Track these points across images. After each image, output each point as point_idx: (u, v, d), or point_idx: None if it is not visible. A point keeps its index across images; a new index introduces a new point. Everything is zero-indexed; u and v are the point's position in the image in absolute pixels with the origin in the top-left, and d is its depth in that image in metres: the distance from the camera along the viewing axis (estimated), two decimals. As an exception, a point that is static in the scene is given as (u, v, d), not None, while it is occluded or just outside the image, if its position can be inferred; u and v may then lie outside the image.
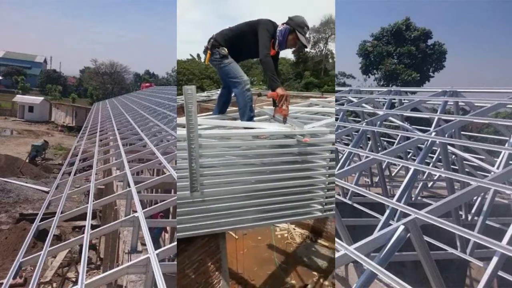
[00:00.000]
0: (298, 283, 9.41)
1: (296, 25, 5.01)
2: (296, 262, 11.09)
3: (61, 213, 6.63)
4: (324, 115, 6.15)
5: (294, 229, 13.25)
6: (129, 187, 6.61)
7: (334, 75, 36.97)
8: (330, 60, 41.24)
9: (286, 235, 12.69)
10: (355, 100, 11.02)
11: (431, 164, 9.19)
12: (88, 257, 9.97)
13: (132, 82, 80.00)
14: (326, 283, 10.33)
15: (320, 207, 4.97)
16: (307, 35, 5.23)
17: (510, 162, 6.66)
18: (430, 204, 4.43)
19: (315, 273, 10.86)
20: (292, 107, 5.97)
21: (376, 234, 4.09)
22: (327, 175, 4.88)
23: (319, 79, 39.32)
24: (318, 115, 6.27)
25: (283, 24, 5.09)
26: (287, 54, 43.43)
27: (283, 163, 4.63)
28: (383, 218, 5.51)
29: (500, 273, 4.82)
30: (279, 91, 4.81)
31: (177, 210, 4.21)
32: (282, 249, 11.43)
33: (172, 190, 7.94)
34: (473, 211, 7.25)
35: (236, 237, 10.14)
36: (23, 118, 55.82)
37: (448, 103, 8.78)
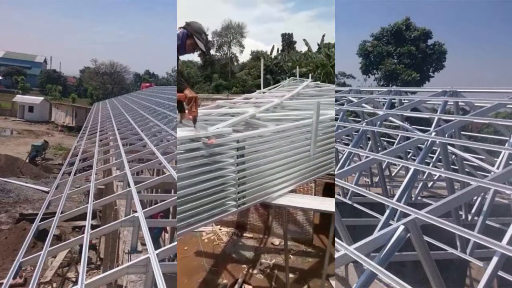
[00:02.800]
0: (230, 281, 9.51)
1: (194, 31, 4.91)
2: (226, 260, 11.24)
3: (61, 213, 6.63)
4: (233, 116, 6.35)
5: (220, 229, 13.37)
6: (129, 187, 6.61)
7: (240, 77, 38.00)
8: (235, 63, 43.28)
9: (213, 237, 12.77)
10: (355, 100, 11.02)
11: (431, 164, 9.18)
12: (88, 257, 9.97)
13: (132, 82, 79.94)
14: (255, 271, 10.50)
15: (234, 202, 5.17)
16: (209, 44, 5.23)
17: (510, 162, 6.65)
18: (430, 204, 4.43)
19: (244, 266, 11.00)
20: (200, 110, 6.13)
21: (376, 234, 4.09)
22: (237, 172, 5.07)
23: (227, 81, 40.52)
24: (227, 116, 6.45)
25: (180, 28, 4.98)
26: (194, 57, 45.41)
27: (193, 167, 4.74)
28: (383, 218, 5.51)
29: (500, 273, 4.82)
30: (187, 92, 4.83)
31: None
32: (211, 252, 11.47)
33: (172, 190, 7.93)
34: (473, 211, 7.25)
35: (160, 253, 10.09)
36: (23, 118, 55.80)
37: (448, 103, 8.78)
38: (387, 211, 5.52)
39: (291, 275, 9.93)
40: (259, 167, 5.31)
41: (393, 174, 11.80)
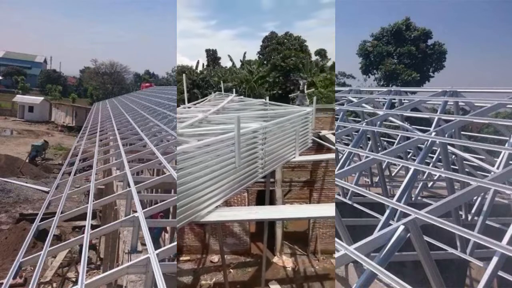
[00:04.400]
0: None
1: None
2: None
3: (61, 213, 6.63)
4: None
5: (152, 258, 13.14)
6: (129, 187, 6.61)
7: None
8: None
9: (143, 269, 12.55)
10: (355, 100, 11.02)
11: (431, 164, 9.19)
12: (88, 257, 9.96)
13: (132, 82, 79.98)
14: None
15: None
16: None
17: (510, 162, 6.66)
18: (430, 204, 4.43)
19: (182, 293, 10.83)
20: None
21: (376, 234, 4.09)
22: None
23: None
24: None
25: None
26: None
27: None
28: (383, 218, 5.51)
29: (500, 273, 4.83)
30: None
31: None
32: None
33: (172, 190, 7.94)
34: (473, 211, 7.26)
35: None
36: (23, 118, 55.81)
37: (448, 103, 8.78)
38: (387, 211, 5.52)
39: (233, 290, 9.93)
40: (185, 185, 4.96)
41: (393, 174, 11.80)
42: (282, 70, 24.15)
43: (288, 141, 7.92)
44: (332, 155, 9.25)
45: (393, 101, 10.58)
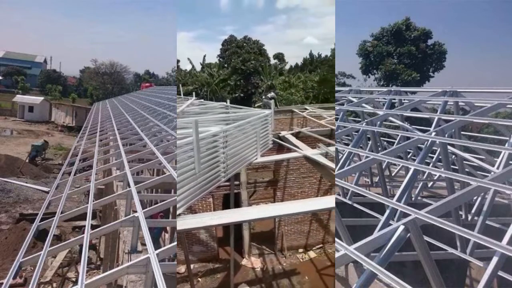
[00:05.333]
0: None
1: None
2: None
3: (61, 213, 6.62)
4: None
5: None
6: (129, 187, 6.60)
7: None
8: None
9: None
10: (355, 100, 11.02)
11: (431, 164, 9.19)
12: (88, 257, 9.95)
13: (132, 82, 79.96)
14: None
15: None
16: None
17: (510, 162, 6.66)
18: (430, 204, 4.43)
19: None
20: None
21: (376, 234, 4.09)
22: None
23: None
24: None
25: None
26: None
27: None
28: (383, 218, 5.52)
29: (500, 273, 4.83)
30: None
31: None
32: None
33: (172, 190, 7.93)
34: (473, 211, 7.26)
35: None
36: (23, 118, 55.81)
37: (448, 103, 8.78)
38: (387, 211, 5.52)
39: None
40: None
41: (393, 174, 11.80)
42: (243, 73, 24.40)
43: (250, 143, 7.91)
44: (292, 154, 9.30)
45: (393, 101, 10.58)
